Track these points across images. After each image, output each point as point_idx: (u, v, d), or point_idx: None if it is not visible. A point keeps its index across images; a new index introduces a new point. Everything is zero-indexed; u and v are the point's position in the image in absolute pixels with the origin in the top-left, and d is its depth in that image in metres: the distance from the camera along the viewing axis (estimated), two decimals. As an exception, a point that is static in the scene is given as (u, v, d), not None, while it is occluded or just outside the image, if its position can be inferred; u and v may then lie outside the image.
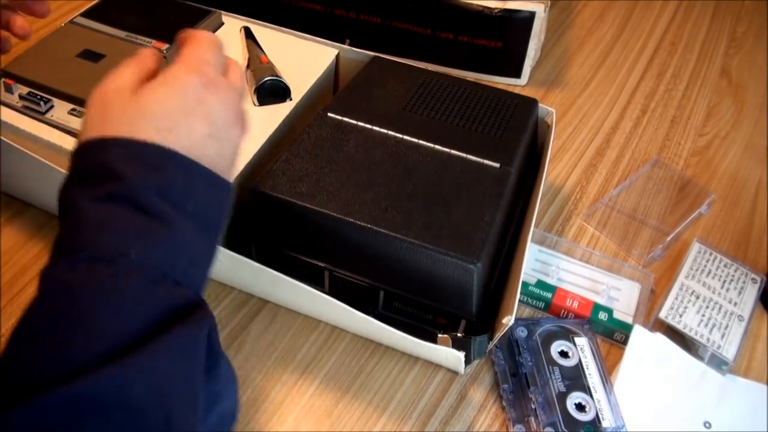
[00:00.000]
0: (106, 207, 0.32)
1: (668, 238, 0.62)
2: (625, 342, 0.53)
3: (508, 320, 0.45)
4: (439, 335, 0.48)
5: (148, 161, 0.33)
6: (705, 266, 0.58)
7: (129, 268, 0.31)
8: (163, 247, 0.32)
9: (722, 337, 0.53)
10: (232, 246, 0.48)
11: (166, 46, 0.61)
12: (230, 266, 0.50)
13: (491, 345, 0.49)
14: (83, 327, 0.30)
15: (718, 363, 0.52)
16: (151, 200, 0.33)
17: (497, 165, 0.52)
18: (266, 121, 0.57)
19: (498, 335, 0.47)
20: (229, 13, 0.68)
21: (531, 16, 0.72)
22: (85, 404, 0.27)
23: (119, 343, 0.30)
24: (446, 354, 0.48)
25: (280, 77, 0.59)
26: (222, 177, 0.36)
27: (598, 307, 0.54)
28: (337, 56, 0.66)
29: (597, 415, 0.48)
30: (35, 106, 0.55)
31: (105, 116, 0.35)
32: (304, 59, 0.64)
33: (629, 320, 0.54)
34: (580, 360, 0.51)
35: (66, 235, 0.33)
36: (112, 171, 0.33)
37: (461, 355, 0.46)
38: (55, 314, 0.31)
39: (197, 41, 0.38)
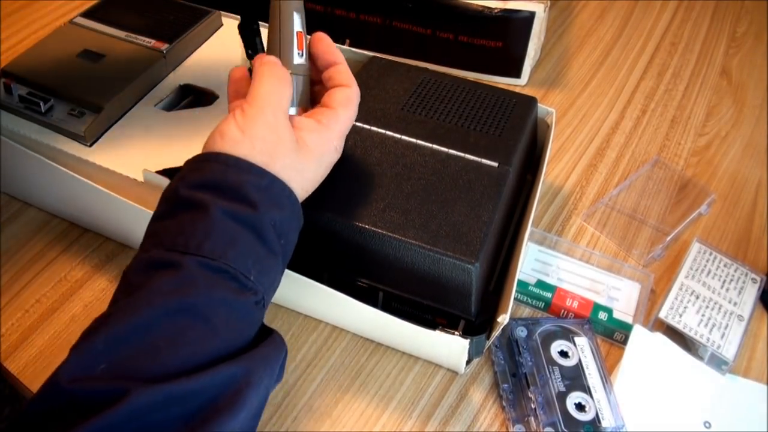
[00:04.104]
0: (236, 226, 0.37)
1: (668, 238, 0.62)
2: (625, 342, 0.53)
3: (503, 319, 0.45)
4: (438, 331, 0.48)
5: (274, 196, 0.39)
6: (705, 266, 0.58)
7: (247, 288, 0.37)
8: (268, 276, 0.39)
9: (722, 336, 0.53)
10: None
11: (166, 45, 0.61)
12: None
13: (488, 344, 0.49)
14: (203, 327, 0.34)
15: (718, 363, 0.52)
16: (270, 233, 0.38)
17: (496, 164, 0.52)
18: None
19: (494, 334, 0.47)
20: (228, 14, 0.69)
21: (531, 16, 0.72)
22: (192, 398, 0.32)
23: (232, 347, 0.35)
24: (449, 344, 0.47)
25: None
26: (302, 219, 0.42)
27: (598, 307, 0.54)
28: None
29: (597, 414, 0.48)
30: (35, 107, 0.55)
31: (273, 147, 0.40)
32: (303, 59, 0.64)
33: (629, 320, 0.54)
34: (579, 360, 0.51)
35: (192, 232, 0.36)
36: (247, 197, 0.38)
37: (466, 342, 0.46)
38: (178, 307, 0.34)
39: (353, 105, 0.46)
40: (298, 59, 0.45)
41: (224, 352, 0.35)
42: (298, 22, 0.44)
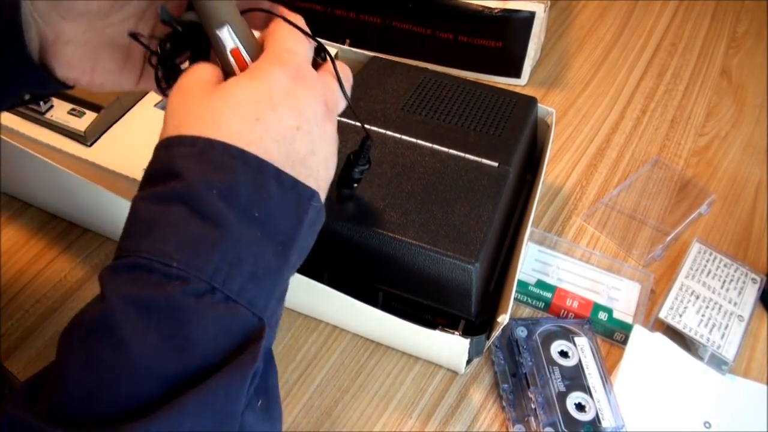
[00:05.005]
0: (160, 208, 0.30)
1: (668, 238, 0.62)
2: (625, 342, 0.53)
3: (503, 319, 0.45)
4: (438, 331, 0.48)
5: (214, 159, 0.31)
6: (705, 266, 0.58)
7: (169, 279, 0.28)
8: (214, 255, 0.29)
9: (722, 337, 0.53)
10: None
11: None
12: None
13: (488, 344, 0.49)
14: (113, 355, 0.27)
15: (718, 363, 0.52)
16: (209, 201, 0.30)
17: (496, 164, 0.52)
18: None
19: (494, 334, 0.47)
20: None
21: (531, 16, 0.72)
22: None
23: (151, 387, 0.27)
24: (449, 344, 0.47)
25: None
26: (303, 182, 0.33)
27: (598, 307, 0.54)
28: (336, 56, 0.66)
29: (597, 415, 0.48)
30: (35, 106, 0.55)
31: (185, 112, 0.32)
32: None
33: (629, 320, 0.54)
34: (580, 360, 0.51)
35: (120, 238, 0.31)
36: (173, 170, 0.30)
37: (466, 342, 0.46)
38: (89, 329, 0.28)
39: (281, 32, 0.36)
40: None
41: (151, 376, 0.27)
42: (228, 40, 0.36)
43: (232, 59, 0.36)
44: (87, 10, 0.37)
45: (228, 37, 0.36)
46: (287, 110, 0.33)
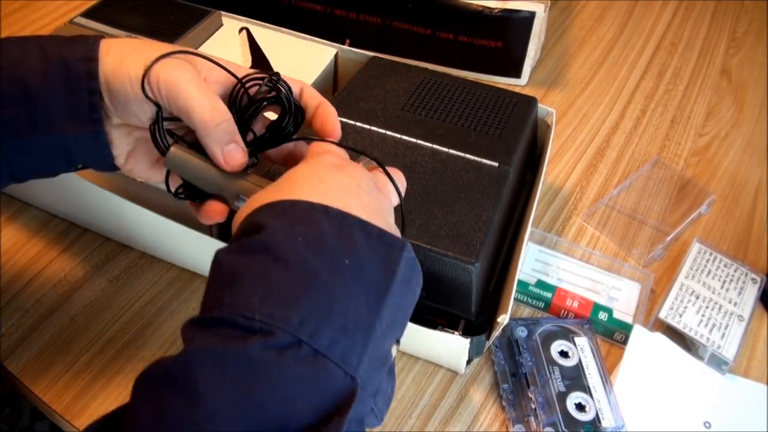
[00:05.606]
0: (242, 259, 0.29)
1: (668, 238, 0.62)
2: (625, 342, 0.53)
3: (503, 319, 0.45)
4: (438, 331, 0.48)
5: (296, 215, 0.31)
6: (705, 266, 0.58)
7: (253, 331, 0.26)
8: (300, 306, 0.27)
9: (722, 336, 0.53)
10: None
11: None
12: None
13: (488, 344, 0.49)
14: (184, 409, 0.25)
15: (718, 363, 0.52)
16: (294, 250, 0.29)
17: (496, 164, 0.52)
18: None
19: (494, 334, 0.47)
20: (228, 14, 0.69)
21: (531, 16, 0.72)
22: None
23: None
24: (449, 344, 0.47)
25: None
26: (389, 232, 0.32)
27: (598, 307, 0.54)
28: (336, 56, 0.66)
29: (597, 415, 0.48)
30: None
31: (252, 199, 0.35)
32: (302, 59, 0.64)
33: (629, 320, 0.54)
34: (580, 360, 0.51)
35: (205, 292, 0.30)
36: (256, 225, 0.30)
37: (466, 342, 0.46)
38: (162, 382, 0.27)
39: (319, 144, 0.39)
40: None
41: None
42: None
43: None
44: (130, 121, 0.40)
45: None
46: (342, 174, 0.35)
